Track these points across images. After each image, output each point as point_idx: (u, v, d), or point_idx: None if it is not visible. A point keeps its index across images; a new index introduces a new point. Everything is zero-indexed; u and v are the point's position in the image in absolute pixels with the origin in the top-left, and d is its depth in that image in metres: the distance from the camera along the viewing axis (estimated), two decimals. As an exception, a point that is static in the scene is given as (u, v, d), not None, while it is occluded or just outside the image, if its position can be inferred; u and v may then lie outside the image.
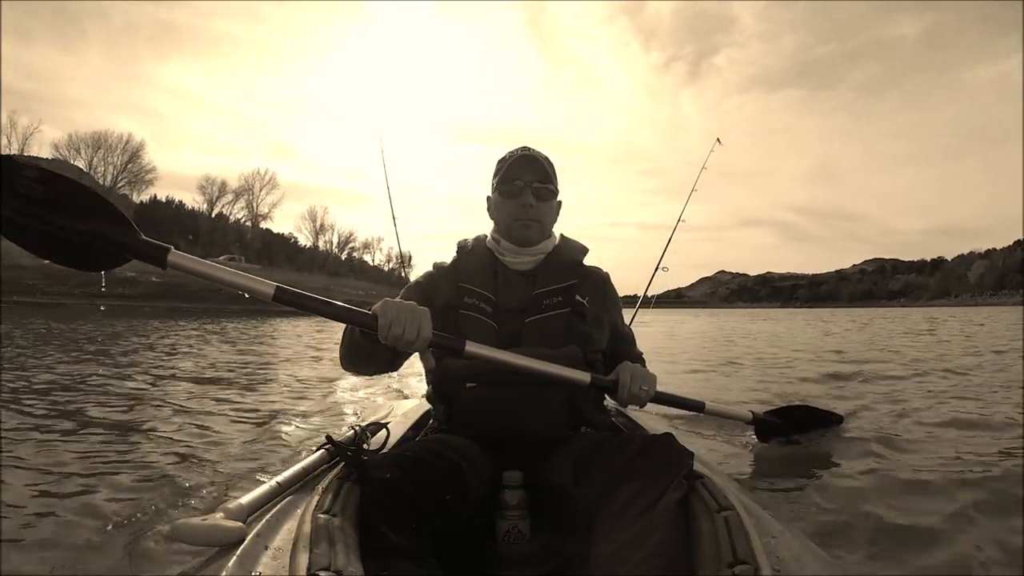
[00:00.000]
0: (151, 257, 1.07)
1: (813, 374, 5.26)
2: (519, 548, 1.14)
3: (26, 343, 7.83)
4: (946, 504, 1.76)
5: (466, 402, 1.28)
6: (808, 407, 2.51)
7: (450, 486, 1.04)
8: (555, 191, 1.42)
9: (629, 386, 1.27)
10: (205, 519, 0.86)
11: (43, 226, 1.03)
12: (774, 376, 5.28)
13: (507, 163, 1.41)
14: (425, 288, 1.41)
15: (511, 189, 1.40)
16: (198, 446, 2.55)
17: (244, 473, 2.14)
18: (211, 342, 9.33)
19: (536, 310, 1.35)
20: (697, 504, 0.97)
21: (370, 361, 1.28)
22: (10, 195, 1.00)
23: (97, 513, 1.73)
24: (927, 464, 2.20)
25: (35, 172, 1.02)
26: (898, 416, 3.10)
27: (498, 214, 1.44)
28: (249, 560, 0.80)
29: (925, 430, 2.79)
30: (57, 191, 1.03)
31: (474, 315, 1.34)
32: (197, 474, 2.12)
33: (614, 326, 1.46)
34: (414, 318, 1.11)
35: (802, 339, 11.06)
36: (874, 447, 2.40)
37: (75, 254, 1.07)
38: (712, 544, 0.85)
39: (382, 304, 1.13)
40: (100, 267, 1.12)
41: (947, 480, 2.00)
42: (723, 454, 2.42)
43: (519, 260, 1.42)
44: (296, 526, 0.88)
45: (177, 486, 1.96)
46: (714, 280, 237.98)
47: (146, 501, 1.82)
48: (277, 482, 1.05)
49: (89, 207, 1.05)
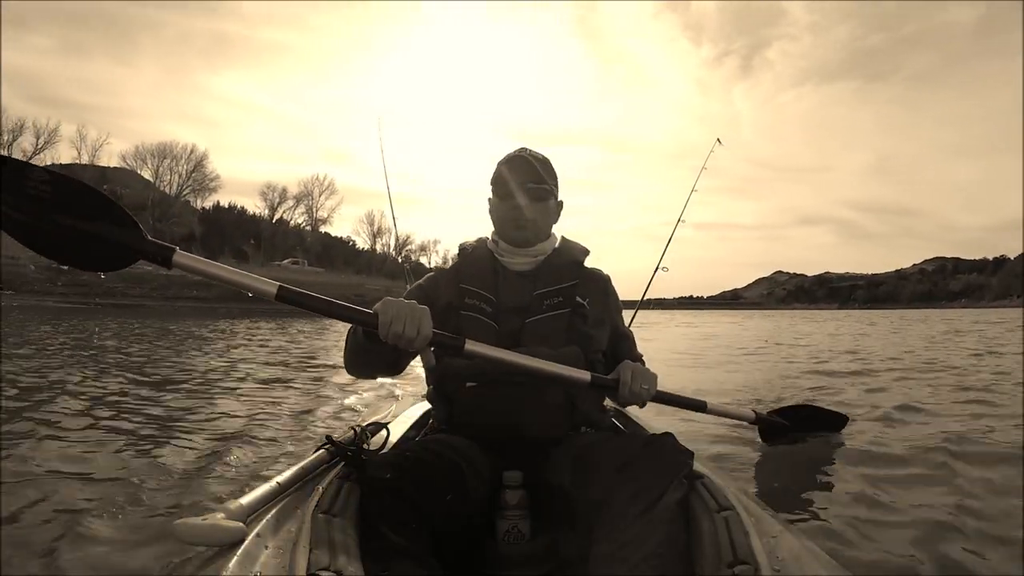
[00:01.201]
0: (157, 257, 1.08)
1: (838, 372, 5.20)
2: (519, 548, 1.14)
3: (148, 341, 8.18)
4: (948, 504, 1.76)
5: (466, 402, 1.28)
6: (813, 407, 2.47)
7: (450, 486, 1.04)
8: (550, 191, 1.42)
9: (630, 385, 1.27)
10: (205, 519, 0.86)
11: (51, 227, 1.04)
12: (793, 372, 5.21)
13: (502, 165, 1.41)
14: (427, 290, 1.43)
15: (505, 191, 1.40)
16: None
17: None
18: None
19: (537, 310, 1.35)
20: (697, 504, 0.97)
21: (373, 363, 1.28)
22: (21, 197, 1.01)
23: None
24: (929, 465, 2.19)
25: (44, 174, 1.03)
26: (902, 418, 3.09)
27: (494, 216, 1.44)
28: (249, 560, 0.80)
29: (929, 432, 2.77)
30: (65, 193, 1.04)
31: (474, 315, 1.34)
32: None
33: (614, 327, 1.46)
34: (414, 316, 1.12)
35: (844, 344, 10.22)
36: (875, 448, 2.40)
37: (82, 254, 1.08)
38: (712, 544, 0.85)
39: (383, 302, 1.13)
40: (107, 268, 1.13)
41: (949, 479, 2.00)
42: (723, 454, 2.41)
43: (518, 261, 1.42)
44: (296, 526, 0.89)
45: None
46: (771, 280, 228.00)
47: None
48: (277, 482, 1.05)
49: (96, 208, 1.06)
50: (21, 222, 1.03)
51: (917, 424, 2.96)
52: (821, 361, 6.72)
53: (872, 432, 2.68)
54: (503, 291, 1.38)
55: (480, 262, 1.43)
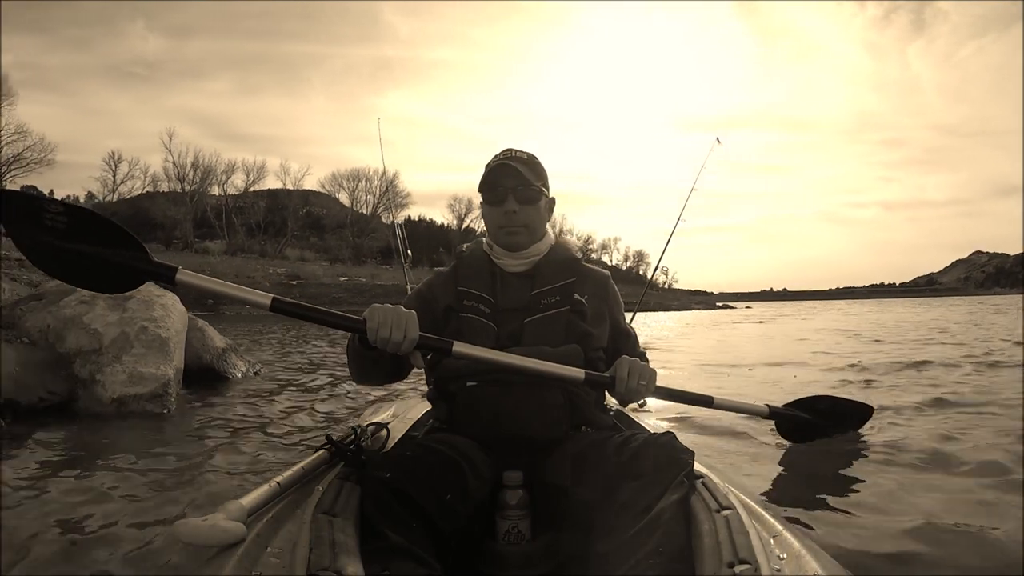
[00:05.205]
0: (162, 277, 1.17)
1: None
2: (519, 548, 1.14)
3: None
4: (950, 504, 1.76)
5: (466, 401, 1.28)
6: (833, 398, 2.29)
7: (450, 486, 1.05)
8: (539, 191, 1.41)
9: (627, 381, 1.25)
10: (205, 519, 0.87)
11: (67, 254, 1.11)
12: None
13: (488, 170, 1.42)
14: (424, 295, 1.45)
15: (492, 197, 1.40)
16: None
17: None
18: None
19: (535, 310, 1.36)
20: (697, 503, 0.97)
21: (374, 369, 1.30)
22: (40, 228, 1.09)
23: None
24: (936, 463, 2.17)
25: (59, 206, 1.11)
26: (924, 414, 3.01)
27: (487, 221, 1.45)
28: (249, 560, 0.80)
29: (948, 428, 2.69)
30: (79, 222, 1.11)
31: (473, 317, 1.35)
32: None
33: (615, 324, 1.46)
34: (399, 320, 1.14)
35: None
36: (888, 446, 2.36)
37: (95, 278, 1.17)
38: (712, 544, 0.85)
39: (370, 309, 1.16)
40: (118, 289, 1.21)
41: (952, 480, 2.00)
42: (724, 453, 2.41)
43: (514, 263, 1.43)
44: (296, 526, 0.89)
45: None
46: (968, 263, 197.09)
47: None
48: (277, 482, 1.05)
49: (107, 235, 1.14)
50: (41, 250, 1.11)
51: (940, 421, 2.84)
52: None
53: (892, 430, 2.60)
54: (501, 292, 1.39)
55: (477, 264, 1.44)
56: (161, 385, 3.30)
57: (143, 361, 3.34)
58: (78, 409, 3.18)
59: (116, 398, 3.18)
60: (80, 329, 3.37)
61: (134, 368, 3.28)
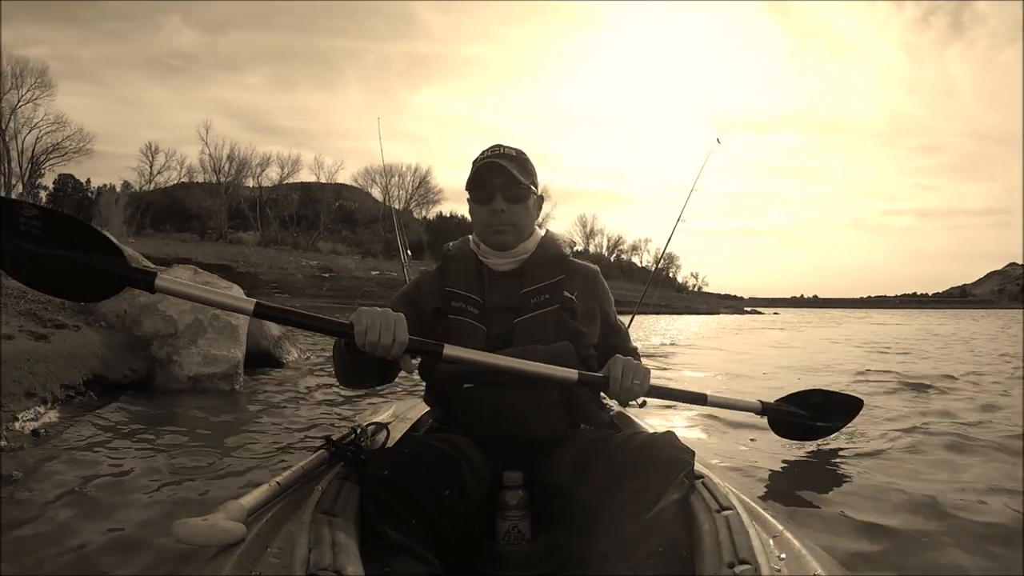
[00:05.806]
0: (140, 283, 1.12)
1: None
2: (519, 548, 1.14)
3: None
4: (950, 504, 1.76)
5: (464, 403, 1.27)
6: (824, 391, 2.29)
7: (448, 483, 1.04)
8: (528, 189, 1.39)
9: (621, 380, 1.24)
10: (205, 519, 0.87)
11: (43, 260, 1.08)
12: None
13: (476, 167, 1.40)
14: (412, 296, 1.42)
15: (480, 195, 1.38)
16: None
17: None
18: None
19: (525, 309, 1.34)
20: (697, 503, 0.97)
21: (361, 374, 1.29)
22: (15, 235, 1.05)
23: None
24: (935, 462, 2.18)
25: (33, 209, 1.07)
26: (913, 415, 3.04)
27: (474, 219, 1.43)
28: (249, 560, 0.80)
29: (949, 429, 2.71)
30: (53, 225, 1.08)
31: (462, 318, 1.33)
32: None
33: (606, 319, 1.45)
34: (388, 323, 1.11)
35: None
36: (880, 447, 2.37)
37: (72, 285, 1.14)
38: (712, 544, 0.85)
39: (357, 312, 1.13)
40: (96, 297, 1.18)
41: (952, 480, 1.99)
42: (724, 453, 2.41)
43: (501, 262, 1.41)
44: (296, 526, 0.89)
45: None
46: (1003, 274, 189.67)
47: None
48: (277, 482, 1.05)
49: (82, 237, 1.10)
50: (14, 256, 1.07)
51: (933, 421, 2.88)
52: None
53: (892, 431, 2.61)
54: (490, 292, 1.37)
55: (464, 264, 1.42)
56: (232, 366, 3.76)
57: (216, 345, 3.77)
58: (155, 386, 3.58)
59: (192, 376, 3.64)
60: (156, 315, 3.77)
61: (208, 351, 3.72)
